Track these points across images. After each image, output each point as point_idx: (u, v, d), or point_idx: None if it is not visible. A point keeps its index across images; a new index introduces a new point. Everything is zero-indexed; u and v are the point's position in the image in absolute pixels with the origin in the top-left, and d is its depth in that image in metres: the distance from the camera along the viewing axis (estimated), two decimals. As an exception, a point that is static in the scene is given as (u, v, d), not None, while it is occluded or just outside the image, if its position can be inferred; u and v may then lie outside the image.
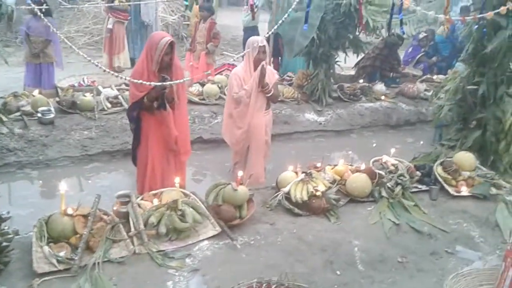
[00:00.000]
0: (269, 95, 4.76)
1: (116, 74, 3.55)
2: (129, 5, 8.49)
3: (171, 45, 3.94)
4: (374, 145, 7.06)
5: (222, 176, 5.18)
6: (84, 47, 10.62)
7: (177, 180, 3.39)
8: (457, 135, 4.78)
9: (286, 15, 3.80)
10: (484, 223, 3.84)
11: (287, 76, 8.21)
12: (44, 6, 6.10)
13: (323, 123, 6.94)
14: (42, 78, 6.73)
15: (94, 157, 5.30)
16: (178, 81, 3.74)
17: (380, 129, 7.37)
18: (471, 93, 4.56)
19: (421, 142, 7.11)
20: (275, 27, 3.68)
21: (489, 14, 4.16)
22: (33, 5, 5.25)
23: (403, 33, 5.30)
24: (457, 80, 4.83)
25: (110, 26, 8.62)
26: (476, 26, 4.27)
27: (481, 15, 4.11)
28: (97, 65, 3.39)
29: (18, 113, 5.36)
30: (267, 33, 3.86)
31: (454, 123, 4.84)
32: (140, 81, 3.53)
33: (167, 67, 4.01)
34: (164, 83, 3.73)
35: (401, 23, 4.32)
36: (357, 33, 7.24)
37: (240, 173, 3.60)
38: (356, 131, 7.17)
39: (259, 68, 4.62)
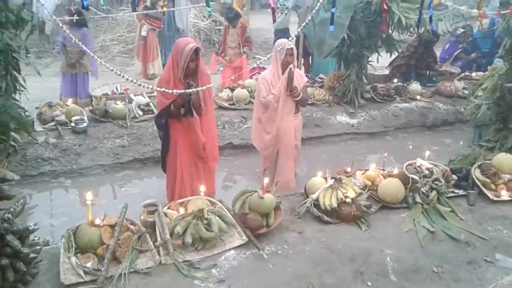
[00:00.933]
0: (297, 98, 4.69)
1: (139, 83, 3.55)
2: (163, 13, 8.58)
3: (196, 51, 3.95)
4: (410, 147, 6.84)
5: (252, 182, 5.17)
6: (118, 55, 10.85)
7: (202, 188, 3.36)
8: (496, 135, 4.55)
9: (309, 17, 3.71)
10: (526, 230, 3.62)
11: (319, 78, 8.09)
12: (75, 17, 6.24)
13: (355, 125, 6.78)
14: (78, 87, 6.89)
15: (125, 165, 5.36)
16: (201, 87, 3.71)
17: (416, 130, 7.12)
18: (510, 90, 4.33)
19: (461, 143, 6.84)
20: (298, 29, 3.59)
21: (528, 8, 3.95)
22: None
23: (433, 30, 5.08)
24: (495, 77, 4.60)
25: (144, 33, 8.74)
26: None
27: (518, 9, 3.90)
28: (119, 74, 3.42)
29: (52, 123, 5.49)
30: (291, 36, 3.77)
31: (492, 123, 4.61)
32: (163, 88, 3.54)
33: (193, 74, 4.02)
34: (188, 90, 3.72)
35: (431, 20, 4.14)
36: (389, 32, 7.03)
37: (266, 180, 3.53)
38: (391, 133, 6.96)
39: (286, 71, 4.56)
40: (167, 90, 3.51)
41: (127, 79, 3.48)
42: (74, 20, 6.36)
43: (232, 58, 7.80)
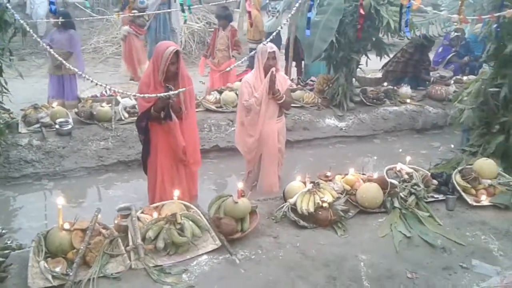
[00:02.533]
0: (280, 102, 4.68)
1: (114, 89, 3.53)
2: (148, 20, 8.59)
3: (177, 54, 3.93)
4: (400, 150, 6.82)
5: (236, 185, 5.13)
6: (111, 57, 10.85)
7: (176, 193, 3.34)
8: (479, 140, 4.53)
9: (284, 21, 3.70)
10: (504, 235, 3.60)
11: (310, 80, 8.06)
12: (60, 19, 6.23)
13: (344, 128, 6.75)
14: (65, 89, 6.86)
15: (109, 167, 5.34)
16: (177, 90, 3.69)
17: (405, 133, 7.10)
18: (493, 95, 4.31)
19: (452, 146, 6.81)
20: (273, 34, 3.58)
21: (509, 12, 3.92)
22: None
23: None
24: (479, 82, 4.57)
25: (125, 33, 8.74)
26: (495, 25, 4.02)
27: (499, 14, 3.87)
28: (97, 84, 3.39)
29: (37, 125, 5.47)
30: (266, 40, 3.76)
31: (476, 127, 4.58)
32: (133, 93, 3.53)
33: (174, 77, 4.00)
34: (165, 93, 3.70)
35: (406, 24, 4.12)
36: (379, 35, 7.02)
37: (240, 185, 3.51)
38: (380, 136, 6.94)
39: (268, 75, 4.55)
40: (138, 95, 3.49)
41: (100, 85, 3.44)
42: (59, 22, 6.34)
43: (220, 61, 7.77)
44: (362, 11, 4.50)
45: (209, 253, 3.13)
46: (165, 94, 3.69)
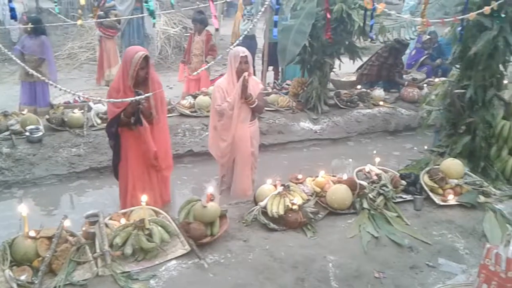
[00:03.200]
0: (253, 106, 4.69)
1: (83, 95, 3.51)
2: (118, 22, 8.52)
3: (146, 59, 3.92)
4: (375, 152, 6.89)
5: (213, 191, 5.13)
6: (86, 63, 10.73)
7: (144, 198, 3.33)
8: (447, 141, 4.62)
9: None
10: (470, 234, 3.68)
11: (286, 84, 8.12)
12: (29, 25, 6.16)
13: (318, 131, 6.81)
14: (37, 96, 6.76)
15: (81, 174, 5.28)
16: (146, 94, 3.68)
17: (378, 135, 7.20)
18: (459, 97, 4.40)
19: (425, 147, 6.91)
20: (240, 38, 3.60)
21: (472, 15, 4.02)
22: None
23: (372, 39, 5.17)
24: (446, 84, 4.67)
25: (98, 38, 8.70)
26: (459, 28, 4.12)
27: (462, 17, 3.97)
28: (61, 89, 3.36)
29: (7, 132, 5.38)
30: (233, 44, 3.78)
31: (443, 128, 4.67)
32: (99, 98, 3.51)
33: (144, 82, 3.99)
34: (135, 98, 3.69)
35: (371, 29, 4.20)
36: (353, 39, 7.11)
37: (210, 189, 3.51)
38: (353, 139, 7.02)
39: (241, 79, 4.56)
40: (103, 100, 3.47)
41: (69, 92, 3.41)
42: (29, 28, 6.26)
43: (196, 66, 7.77)
44: (329, 15, 4.54)
45: (178, 258, 3.13)
46: (135, 98, 3.68)
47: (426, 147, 6.83)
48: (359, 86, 8.01)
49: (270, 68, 8.79)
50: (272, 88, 8.00)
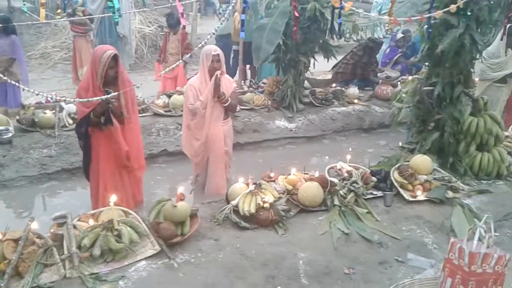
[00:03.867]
0: (226, 105, 4.68)
1: (50, 96, 3.45)
2: (89, 19, 8.41)
3: (115, 58, 3.88)
4: (350, 149, 6.95)
5: (184, 190, 5.12)
6: (60, 62, 10.57)
7: (113, 199, 3.29)
8: (417, 137, 4.69)
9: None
10: (439, 229, 3.75)
11: (262, 83, 8.14)
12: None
13: (293, 129, 6.85)
14: (8, 96, 6.64)
15: (52, 175, 5.21)
16: (114, 93, 3.64)
17: (353, 133, 7.28)
18: (428, 94, 4.47)
19: (399, 144, 7.00)
20: (208, 38, 3.59)
21: (438, 13, 4.09)
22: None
23: (340, 37, 5.23)
24: (415, 81, 4.75)
25: (72, 38, 8.58)
26: (426, 26, 4.19)
27: (429, 15, 4.03)
28: (29, 91, 3.30)
29: (-24, 134, 5.27)
30: (202, 43, 3.77)
31: (413, 125, 4.74)
32: (65, 97, 3.46)
33: (113, 81, 3.95)
34: (104, 96, 3.65)
35: (340, 27, 4.24)
36: (326, 38, 7.17)
37: (180, 189, 3.50)
38: (328, 136, 7.08)
39: (213, 78, 4.55)
40: (77, 100, 3.43)
41: (37, 94, 3.35)
42: (-1, 28, 6.15)
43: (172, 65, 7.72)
44: (296, 14, 4.56)
45: (148, 259, 3.11)
46: (104, 97, 3.64)
47: (400, 144, 6.99)
48: (334, 85, 8.07)
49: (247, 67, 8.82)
50: (248, 86, 8.01)
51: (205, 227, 3.52)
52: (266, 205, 3.59)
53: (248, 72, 9.14)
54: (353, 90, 7.80)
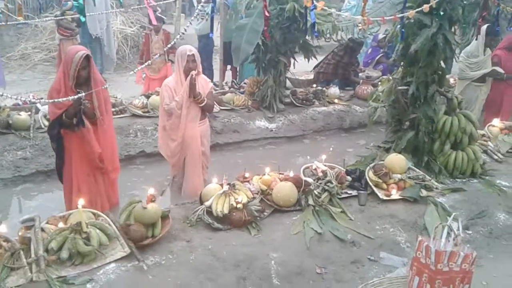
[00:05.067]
0: (202, 105, 4.65)
1: (22, 99, 3.39)
2: (73, 20, 8.30)
3: (88, 58, 3.84)
4: (331, 148, 6.99)
5: (156, 191, 5.09)
6: (40, 63, 10.45)
7: (81, 202, 3.25)
8: (393, 136, 4.71)
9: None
10: (412, 227, 3.76)
11: (244, 83, 8.11)
12: (-30, 25, 5.93)
13: (274, 130, 6.84)
14: (-17, 98, 6.53)
15: (27, 177, 5.13)
16: (85, 93, 3.59)
17: (333, 133, 7.29)
18: (403, 93, 4.49)
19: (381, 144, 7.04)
20: (177, 37, 3.56)
21: (411, 13, 4.11)
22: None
23: (317, 36, 5.24)
24: (391, 81, 4.77)
25: (57, 41, 8.47)
26: (399, 26, 4.21)
27: (402, 15, 4.05)
28: (7, 96, 3.25)
29: None
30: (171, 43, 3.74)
31: (389, 124, 4.76)
32: (30, 97, 3.41)
33: (86, 82, 3.90)
34: (76, 96, 3.60)
35: (314, 26, 4.24)
36: (307, 38, 7.17)
37: (151, 190, 3.46)
38: (309, 136, 7.08)
39: (188, 78, 4.52)
40: (32, 100, 3.37)
41: (8, 97, 3.30)
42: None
43: (159, 66, 7.69)
44: (267, 13, 4.56)
45: (117, 261, 3.07)
46: (75, 96, 3.60)
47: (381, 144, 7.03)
48: (314, 85, 8.08)
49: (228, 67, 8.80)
50: (229, 87, 7.98)
51: (178, 229, 3.49)
52: (239, 205, 3.58)
53: (230, 73, 9.12)
54: (334, 90, 7.81)
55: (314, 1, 3.72)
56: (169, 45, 4.04)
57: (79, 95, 3.65)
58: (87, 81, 3.91)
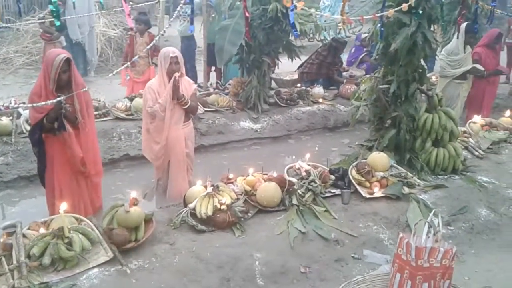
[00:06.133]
0: (185, 107, 4.64)
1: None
2: (52, 24, 8.20)
3: (68, 62, 3.81)
4: (317, 148, 7.02)
5: (143, 194, 5.08)
6: (22, 67, 10.32)
7: (63, 206, 3.23)
8: (375, 135, 4.75)
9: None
10: (395, 225, 3.80)
11: (228, 84, 8.11)
12: None
13: (259, 130, 6.85)
14: (-36, 103, 6.44)
15: (9, 183, 5.06)
16: (63, 96, 3.57)
17: (318, 132, 7.31)
18: (384, 92, 4.53)
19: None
20: (156, 38, 3.56)
21: (390, 12, 4.15)
22: None
23: (297, 36, 5.26)
24: (372, 80, 4.80)
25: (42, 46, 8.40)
26: (379, 25, 4.24)
27: (381, 14, 4.08)
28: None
29: None
30: (151, 43, 3.73)
31: (371, 123, 4.80)
32: (11, 102, 3.37)
33: (67, 86, 3.87)
34: (57, 99, 3.57)
35: (293, 26, 4.26)
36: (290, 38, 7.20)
37: (133, 194, 3.45)
38: (294, 136, 7.10)
39: (171, 80, 4.51)
40: (29, 105, 3.34)
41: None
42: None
43: (143, 69, 7.65)
44: (247, 14, 4.57)
45: (100, 266, 3.06)
46: (56, 100, 3.57)
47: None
48: (299, 84, 8.10)
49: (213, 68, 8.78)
50: (214, 88, 7.97)
51: (161, 232, 3.48)
52: (223, 207, 3.58)
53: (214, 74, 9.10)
54: (318, 89, 7.84)
55: (294, 1, 3.73)
56: (148, 47, 3.99)
57: (59, 98, 3.62)
58: (68, 85, 3.88)
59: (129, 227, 3.27)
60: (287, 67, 8.55)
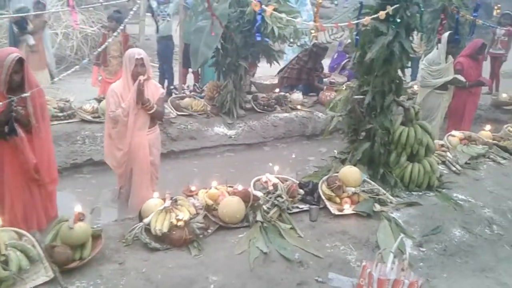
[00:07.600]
0: (151, 112, 4.39)
1: None
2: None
3: (20, 62, 3.54)
4: (293, 155, 6.81)
5: (107, 203, 4.81)
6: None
7: (-1, 221, 2.96)
8: (349, 147, 4.54)
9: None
10: (364, 245, 3.58)
11: (206, 87, 7.85)
12: None
13: (233, 136, 6.61)
14: None
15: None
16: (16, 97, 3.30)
17: (295, 140, 7.11)
18: (359, 103, 4.33)
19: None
20: (109, 40, 3.30)
21: (367, 20, 3.95)
22: None
23: (266, 42, 5.05)
24: (347, 89, 4.60)
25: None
26: (355, 33, 4.04)
27: (356, 21, 3.88)
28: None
29: None
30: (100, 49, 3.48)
31: (346, 134, 4.59)
32: None
33: (20, 87, 3.60)
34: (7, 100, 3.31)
35: (258, 30, 4.04)
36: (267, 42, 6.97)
37: (78, 208, 3.18)
38: (270, 144, 6.89)
39: (136, 83, 4.26)
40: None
41: None
42: None
43: (116, 69, 7.36)
44: (214, 16, 4.35)
45: (39, 287, 2.78)
46: (4, 102, 3.31)
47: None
48: (277, 90, 7.89)
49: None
50: (191, 91, 7.72)
51: (112, 249, 3.21)
52: (180, 223, 3.32)
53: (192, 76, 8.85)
54: (297, 95, 7.64)
55: (263, 6, 3.51)
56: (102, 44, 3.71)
57: (9, 100, 3.36)
58: (21, 86, 3.62)
59: (73, 244, 3.00)
60: (268, 71, 8.35)
